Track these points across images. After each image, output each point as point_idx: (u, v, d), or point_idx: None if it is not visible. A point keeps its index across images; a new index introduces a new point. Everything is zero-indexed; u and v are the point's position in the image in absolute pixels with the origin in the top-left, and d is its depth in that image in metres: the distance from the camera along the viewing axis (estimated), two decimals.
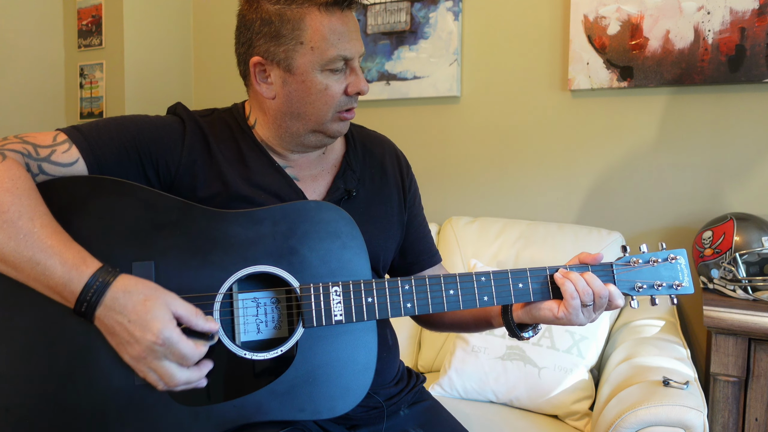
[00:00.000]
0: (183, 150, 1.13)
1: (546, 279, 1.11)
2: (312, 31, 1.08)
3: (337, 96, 1.13)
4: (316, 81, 1.11)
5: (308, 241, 1.05)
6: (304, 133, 1.16)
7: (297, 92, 1.12)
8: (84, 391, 0.94)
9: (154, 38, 3.02)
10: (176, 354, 0.91)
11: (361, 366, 1.05)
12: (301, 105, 1.13)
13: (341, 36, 1.09)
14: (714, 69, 2.02)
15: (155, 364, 0.92)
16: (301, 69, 1.10)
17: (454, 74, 2.47)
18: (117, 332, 0.91)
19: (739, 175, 2.05)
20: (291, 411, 1.01)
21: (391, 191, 1.31)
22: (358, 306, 1.05)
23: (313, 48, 1.08)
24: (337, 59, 1.10)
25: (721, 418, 1.65)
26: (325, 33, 1.08)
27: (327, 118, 1.14)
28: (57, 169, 1.01)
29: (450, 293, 1.09)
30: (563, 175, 2.33)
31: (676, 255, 1.13)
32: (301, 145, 1.19)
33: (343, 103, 1.14)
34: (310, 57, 1.09)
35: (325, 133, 1.17)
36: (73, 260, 0.91)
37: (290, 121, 1.15)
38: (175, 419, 0.96)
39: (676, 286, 1.12)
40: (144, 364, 0.92)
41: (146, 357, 0.91)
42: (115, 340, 0.93)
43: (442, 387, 1.90)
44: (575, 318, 1.08)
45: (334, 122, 1.16)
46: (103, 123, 1.10)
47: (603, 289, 1.07)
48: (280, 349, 1.02)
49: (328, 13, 1.08)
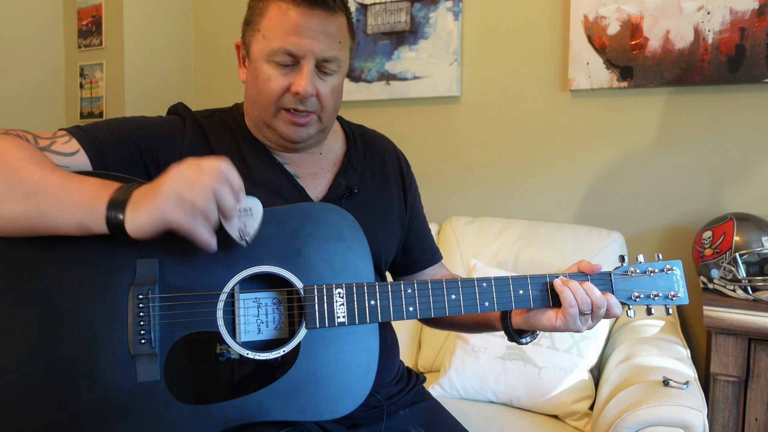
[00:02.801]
0: (184, 146, 1.13)
1: (546, 286, 1.12)
2: (268, 19, 1.09)
3: (276, 90, 1.10)
4: (261, 70, 1.11)
5: (312, 242, 1.06)
6: (261, 125, 1.17)
7: (251, 79, 1.14)
8: (85, 388, 0.94)
9: (154, 38, 3.02)
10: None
11: (363, 368, 1.05)
12: (254, 92, 1.14)
13: (293, 30, 1.07)
14: (714, 69, 2.02)
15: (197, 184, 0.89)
16: (254, 56, 1.12)
17: (454, 74, 2.47)
18: (156, 187, 0.89)
19: (739, 175, 2.05)
20: (292, 411, 1.01)
21: (391, 189, 1.31)
22: (361, 308, 1.05)
23: (264, 36, 1.10)
24: (280, 52, 1.08)
25: (721, 418, 1.65)
26: (277, 24, 1.07)
27: (270, 111, 1.13)
28: (58, 158, 1.01)
29: (452, 298, 1.09)
30: (563, 175, 2.33)
31: (672, 266, 1.15)
32: (268, 140, 1.19)
33: (286, 101, 1.11)
34: (261, 45, 1.10)
35: (275, 130, 1.15)
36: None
37: (251, 108, 1.17)
38: (176, 417, 0.96)
39: (671, 296, 1.14)
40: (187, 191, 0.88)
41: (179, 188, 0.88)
42: (147, 195, 0.90)
43: (442, 387, 1.90)
44: (573, 326, 1.09)
45: (279, 120, 1.14)
46: (103, 122, 1.11)
47: (601, 299, 1.08)
48: (283, 350, 1.02)
49: (294, 5, 1.07)
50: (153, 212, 0.88)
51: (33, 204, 0.89)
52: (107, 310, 0.96)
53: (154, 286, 0.97)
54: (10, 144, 0.95)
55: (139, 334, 0.96)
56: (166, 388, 0.97)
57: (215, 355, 0.99)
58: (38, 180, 0.90)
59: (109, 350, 0.95)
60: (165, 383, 0.97)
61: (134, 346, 0.96)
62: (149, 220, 0.88)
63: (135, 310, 0.96)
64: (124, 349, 0.96)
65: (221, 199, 0.90)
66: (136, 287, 0.96)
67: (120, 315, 0.96)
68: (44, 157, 0.97)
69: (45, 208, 0.90)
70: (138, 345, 0.96)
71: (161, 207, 0.88)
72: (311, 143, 1.21)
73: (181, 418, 0.97)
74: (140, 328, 0.96)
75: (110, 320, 0.95)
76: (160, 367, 0.97)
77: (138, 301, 0.96)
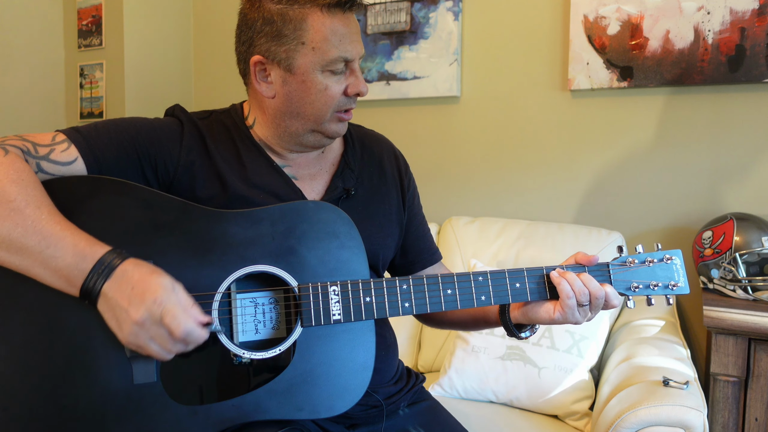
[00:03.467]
0: (181, 150, 1.13)
1: (543, 278, 1.11)
2: (314, 31, 1.08)
3: (336, 96, 1.13)
4: (316, 81, 1.11)
5: (307, 241, 1.06)
6: (303, 132, 1.17)
7: (297, 92, 1.12)
8: (82, 390, 0.94)
9: (154, 38, 3.02)
10: (178, 304, 0.92)
11: (360, 365, 1.05)
12: (301, 105, 1.13)
13: (342, 37, 1.10)
14: (714, 69, 2.02)
15: (153, 329, 0.91)
16: (302, 69, 1.10)
17: (454, 74, 2.47)
18: (118, 303, 0.91)
19: (739, 175, 2.05)
20: (289, 410, 1.01)
21: (389, 190, 1.31)
22: (356, 305, 1.05)
23: (314, 48, 1.09)
24: (338, 60, 1.10)
25: (721, 418, 1.65)
26: (327, 34, 1.08)
27: (326, 118, 1.15)
28: (56, 168, 1.02)
29: (448, 293, 1.09)
30: (563, 175, 2.33)
31: (672, 255, 1.14)
32: (299, 145, 1.20)
33: (342, 103, 1.15)
34: (311, 57, 1.09)
35: (323, 133, 1.18)
36: (86, 242, 0.93)
37: (289, 120, 1.16)
38: (173, 418, 0.97)
39: (672, 286, 1.12)
40: (144, 335, 0.91)
41: (144, 323, 0.90)
42: (115, 316, 0.92)
43: (442, 387, 1.89)
44: (571, 318, 1.08)
45: (332, 122, 1.16)
46: (102, 124, 1.11)
47: (599, 289, 1.08)
48: (278, 349, 1.02)
49: (330, 14, 1.09)
50: (121, 332, 0.93)
51: (16, 258, 0.92)
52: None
53: None
54: (2, 174, 0.94)
55: None
56: (163, 389, 0.97)
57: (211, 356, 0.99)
58: (19, 236, 0.91)
59: (105, 353, 0.95)
60: (162, 384, 0.97)
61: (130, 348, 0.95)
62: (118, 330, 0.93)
63: None
64: (120, 352, 0.96)
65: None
66: None
67: None
68: (35, 194, 0.95)
69: (25, 268, 0.93)
70: None
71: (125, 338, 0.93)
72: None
73: (178, 419, 0.97)
74: None
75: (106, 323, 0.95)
76: (157, 369, 0.97)
77: None
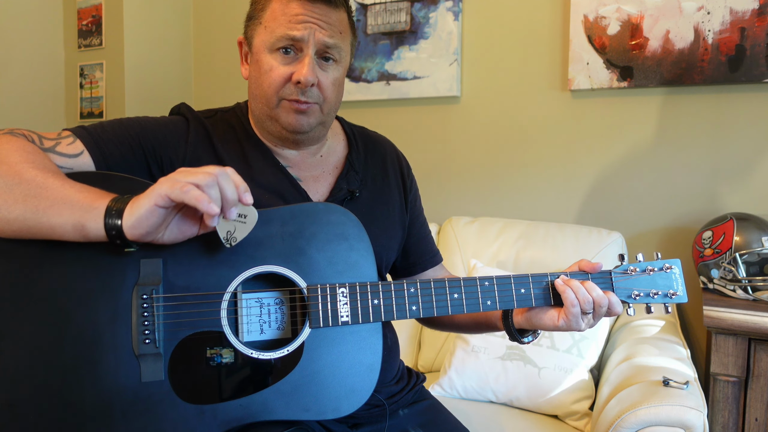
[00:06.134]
0: (187, 147, 1.14)
1: (547, 285, 1.12)
2: (270, 11, 1.12)
3: (278, 79, 1.11)
4: (263, 60, 1.13)
5: (316, 242, 1.06)
6: (264, 118, 1.18)
7: (254, 72, 1.16)
8: (90, 388, 0.94)
9: (154, 38, 3.02)
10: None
11: (366, 367, 1.06)
12: (256, 86, 1.16)
13: (294, 17, 1.09)
14: (714, 69, 2.03)
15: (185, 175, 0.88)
16: (256, 48, 1.14)
17: (454, 74, 2.47)
18: (153, 188, 0.89)
19: (739, 175, 2.06)
20: (296, 411, 1.01)
21: (392, 192, 1.31)
22: (364, 307, 1.06)
23: (266, 27, 1.12)
24: (283, 38, 1.09)
25: (721, 418, 1.66)
26: (279, 13, 1.11)
27: (272, 102, 1.13)
28: (62, 160, 1.02)
29: (454, 297, 1.10)
30: (563, 175, 2.33)
31: (671, 264, 1.16)
32: (271, 135, 1.19)
33: (288, 91, 1.12)
34: (263, 36, 1.13)
35: (278, 121, 1.15)
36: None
37: (254, 103, 1.18)
38: (180, 417, 0.97)
39: (670, 294, 1.14)
40: (173, 178, 0.88)
41: (178, 174, 0.89)
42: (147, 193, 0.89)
43: (442, 387, 1.90)
44: (575, 325, 1.09)
45: (283, 110, 1.14)
46: (108, 122, 1.11)
47: (603, 297, 1.09)
48: (287, 349, 1.02)
49: None
50: (151, 195, 0.87)
51: (32, 205, 0.90)
52: (111, 310, 0.96)
53: (158, 286, 0.97)
54: (14, 146, 0.96)
55: (144, 334, 0.96)
56: (171, 387, 0.97)
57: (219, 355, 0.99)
58: (39, 183, 0.91)
59: (114, 350, 0.95)
60: (169, 383, 0.97)
61: (138, 346, 0.96)
62: (147, 202, 0.87)
63: (139, 309, 0.96)
64: (129, 349, 0.96)
65: (224, 189, 0.89)
66: (140, 287, 0.96)
67: (124, 315, 0.96)
68: (47, 160, 0.97)
69: (43, 209, 0.90)
70: (142, 345, 0.96)
71: (158, 189, 0.87)
72: (313, 136, 1.20)
73: (185, 418, 0.97)
74: (144, 328, 0.96)
75: (114, 320, 0.95)
76: (165, 367, 0.98)
77: (142, 301, 0.96)
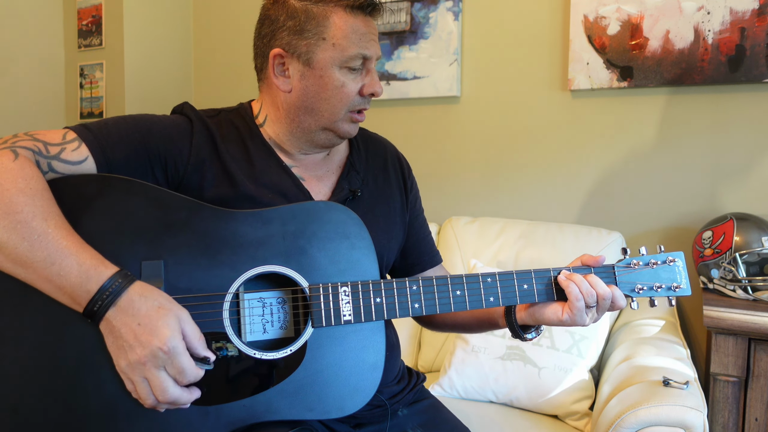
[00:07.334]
0: (191, 149, 1.13)
1: (550, 280, 1.12)
2: (335, 28, 1.11)
3: (351, 94, 1.15)
4: (333, 77, 1.13)
5: (317, 241, 1.06)
6: (315, 129, 1.18)
7: (313, 87, 1.14)
8: (93, 391, 0.94)
9: (154, 38, 3.02)
10: (176, 367, 0.90)
11: (370, 366, 1.06)
12: (316, 100, 1.15)
13: (362, 36, 1.13)
14: (714, 69, 2.03)
15: (152, 372, 0.90)
16: (321, 64, 1.13)
17: (454, 74, 2.47)
18: (122, 335, 0.90)
19: (739, 175, 2.06)
20: (300, 410, 1.01)
21: (393, 192, 1.32)
22: (366, 306, 1.06)
23: (334, 44, 1.12)
24: (357, 57, 1.13)
25: (721, 418, 1.66)
26: (348, 31, 1.12)
27: (339, 116, 1.16)
28: (67, 167, 1.02)
29: (457, 294, 1.10)
30: (563, 175, 2.34)
31: (675, 257, 1.15)
32: (310, 143, 1.21)
33: (357, 103, 1.17)
34: (331, 53, 1.12)
35: (335, 132, 1.19)
36: (91, 261, 0.91)
37: (303, 116, 1.17)
38: (184, 418, 0.97)
39: (674, 287, 1.14)
40: (140, 372, 0.90)
41: (146, 363, 0.89)
42: (117, 344, 0.91)
43: (442, 387, 1.90)
44: (579, 319, 1.09)
45: (345, 122, 1.18)
46: (113, 122, 1.10)
47: (606, 291, 1.09)
48: (290, 349, 1.02)
49: (353, 14, 1.12)
50: (117, 351, 0.92)
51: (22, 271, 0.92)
52: None
53: (160, 288, 0.97)
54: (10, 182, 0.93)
55: None
56: None
57: (223, 356, 1.00)
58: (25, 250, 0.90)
59: None
60: None
61: None
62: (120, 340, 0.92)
63: None
64: None
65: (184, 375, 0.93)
66: None
67: None
68: (42, 204, 0.93)
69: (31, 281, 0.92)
70: None
71: (121, 362, 0.92)
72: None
73: (189, 419, 0.97)
74: None
75: None
76: None
77: None
